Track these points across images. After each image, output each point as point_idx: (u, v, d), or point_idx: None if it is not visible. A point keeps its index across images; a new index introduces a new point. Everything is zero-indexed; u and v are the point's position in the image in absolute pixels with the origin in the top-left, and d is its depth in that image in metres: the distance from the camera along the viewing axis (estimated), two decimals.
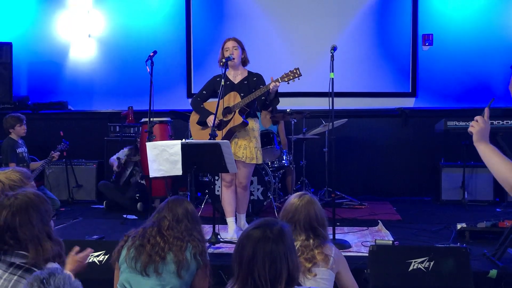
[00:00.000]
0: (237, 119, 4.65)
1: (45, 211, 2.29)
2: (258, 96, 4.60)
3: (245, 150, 4.71)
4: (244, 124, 4.66)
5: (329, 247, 2.77)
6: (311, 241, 2.72)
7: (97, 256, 3.70)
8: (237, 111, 4.66)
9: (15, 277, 2.10)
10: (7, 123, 6.03)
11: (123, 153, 6.41)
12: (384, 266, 3.55)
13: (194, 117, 4.96)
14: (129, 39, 7.63)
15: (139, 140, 6.23)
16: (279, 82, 4.55)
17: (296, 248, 2.63)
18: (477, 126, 2.16)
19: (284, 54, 7.27)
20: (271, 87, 4.54)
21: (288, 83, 4.60)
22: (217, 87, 4.66)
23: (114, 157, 6.42)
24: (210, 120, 4.68)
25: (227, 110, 4.71)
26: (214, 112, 4.51)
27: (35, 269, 2.10)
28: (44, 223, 2.25)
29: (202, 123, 4.85)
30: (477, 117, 2.19)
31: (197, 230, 2.85)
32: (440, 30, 7.18)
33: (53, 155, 6.12)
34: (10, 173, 2.81)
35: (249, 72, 4.89)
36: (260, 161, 4.84)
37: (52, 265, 2.15)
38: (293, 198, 2.82)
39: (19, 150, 6.01)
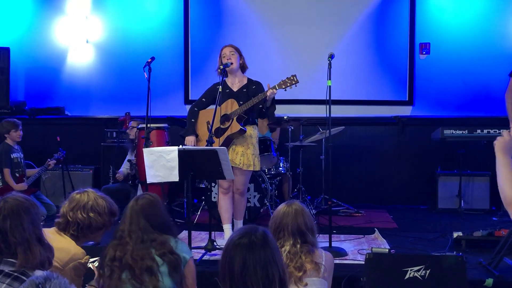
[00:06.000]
0: (235, 126, 4.64)
1: (36, 214, 2.28)
2: (255, 103, 4.60)
3: (242, 156, 4.71)
4: (242, 131, 4.66)
5: (319, 254, 2.71)
6: (298, 246, 2.65)
7: (93, 262, 3.68)
8: (235, 118, 4.66)
9: (4, 285, 2.08)
10: (2, 128, 6.01)
11: (125, 165, 6.32)
12: (380, 274, 3.55)
13: None
14: (127, 45, 7.63)
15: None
16: (276, 89, 4.55)
17: (284, 254, 2.61)
18: (501, 139, 2.32)
19: (281, 62, 7.28)
20: (268, 94, 4.54)
21: (285, 90, 4.60)
22: (216, 95, 4.65)
23: (121, 169, 6.33)
24: (188, 140, 4.73)
25: (225, 118, 4.71)
26: (205, 126, 4.50)
27: (23, 277, 2.08)
28: (34, 227, 2.24)
29: (182, 136, 4.86)
30: (504, 131, 2.36)
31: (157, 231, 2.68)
32: (438, 38, 7.20)
33: (49, 163, 6.16)
34: (104, 197, 2.91)
35: (248, 79, 4.88)
36: (257, 168, 4.84)
37: (40, 273, 2.13)
38: (282, 206, 2.80)
39: (14, 155, 6.01)
